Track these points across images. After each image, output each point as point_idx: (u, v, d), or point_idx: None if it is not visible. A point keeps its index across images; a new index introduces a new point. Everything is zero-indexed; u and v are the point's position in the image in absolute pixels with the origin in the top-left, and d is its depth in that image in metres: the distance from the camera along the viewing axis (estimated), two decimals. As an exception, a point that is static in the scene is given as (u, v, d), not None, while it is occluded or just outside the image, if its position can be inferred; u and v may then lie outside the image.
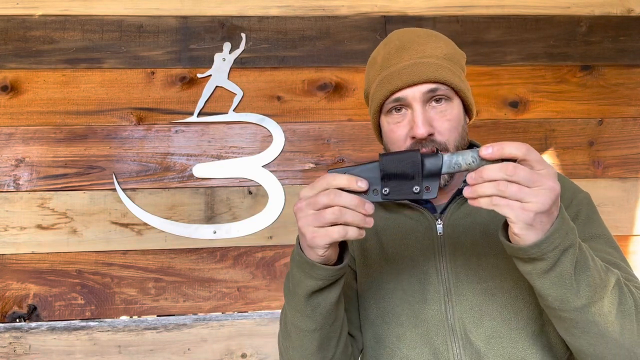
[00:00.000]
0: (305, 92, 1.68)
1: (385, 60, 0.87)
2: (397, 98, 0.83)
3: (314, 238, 0.64)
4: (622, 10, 1.81)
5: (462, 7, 1.76)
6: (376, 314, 0.86)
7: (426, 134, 0.80)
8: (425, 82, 0.81)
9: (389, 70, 0.85)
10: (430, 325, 0.81)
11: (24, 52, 1.62)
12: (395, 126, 0.85)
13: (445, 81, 0.82)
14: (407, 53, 0.85)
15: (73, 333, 1.50)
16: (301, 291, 0.73)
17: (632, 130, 1.74)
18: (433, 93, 0.82)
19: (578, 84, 1.75)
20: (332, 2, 1.73)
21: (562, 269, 0.63)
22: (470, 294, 0.81)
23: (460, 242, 0.84)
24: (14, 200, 1.55)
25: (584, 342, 0.68)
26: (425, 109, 0.82)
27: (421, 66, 0.82)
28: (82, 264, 1.53)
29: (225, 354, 1.53)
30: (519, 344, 0.78)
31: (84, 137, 1.60)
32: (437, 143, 0.81)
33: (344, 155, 1.65)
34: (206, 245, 1.57)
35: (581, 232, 0.80)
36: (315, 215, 0.64)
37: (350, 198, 0.63)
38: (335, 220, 0.63)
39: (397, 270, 0.86)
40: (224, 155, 1.63)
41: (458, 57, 0.88)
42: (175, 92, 1.64)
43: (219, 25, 1.69)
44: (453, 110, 0.84)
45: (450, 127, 0.83)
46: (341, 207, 0.63)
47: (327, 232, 0.63)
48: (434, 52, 0.85)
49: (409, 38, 0.87)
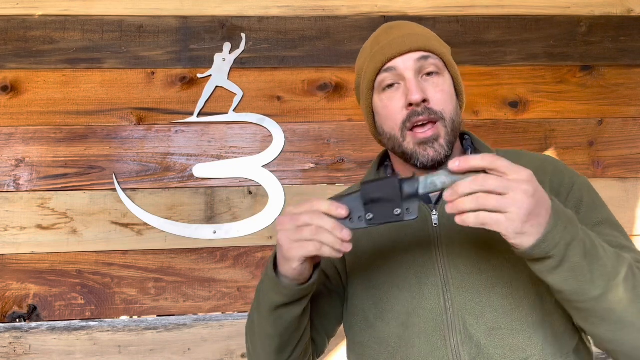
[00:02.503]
0: (305, 92, 1.68)
1: (375, 39, 0.88)
2: (389, 68, 0.83)
3: (290, 250, 0.68)
4: (622, 10, 1.81)
5: (462, 7, 1.76)
6: (375, 314, 0.85)
7: (421, 99, 0.80)
8: (416, 50, 0.82)
9: (379, 45, 0.86)
10: (429, 321, 0.79)
11: (24, 52, 1.62)
12: (390, 101, 0.84)
13: (436, 50, 0.83)
14: (397, 30, 0.86)
15: (73, 333, 1.50)
16: (267, 302, 0.77)
17: (632, 130, 1.74)
18: (425, 61, 0.82)
19: (578, 84, 1.75)
20: (332, 2, 1.73)
21: (572, 262, 0.63)
22: (470, 286, 0.79)
23: (457, 233, 0.82)
24: (14, 200, 1.55)
25: (603, 329, 0.68)
26: (418, 79, 0.82)
27: (411, 37, 0.83)
28: (82, 264, 1.53)
29: (225, 354, 1.53)
30: (520, 334, 0.76)
31: (84, 137, 1.60)
32: (432, 112, 0.81)
33: (344, 155, 1.65)
34: (206, 245, 1.57)
35: (587, 219, 0.79)
36: (294, 230, 0.68)
37: (328, 222, 0.67)
38: (311, 237, 0.67)
39: (393, 267, 0.85)
40: (224, 155, 1.63)
41: (445, 46, 0.89)
42: (175, 92, 1.64)
43: (219, 25, 1.69)
44: (445, 84, 0.84)
45: (445, 98, 0.83)
46: (319, 227, 0.67)
47: (302, 245, 0.67)
48: (423, 31, 0.87)
49: (395, 24, 0.90)
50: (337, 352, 1.54)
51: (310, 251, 0.67)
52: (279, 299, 0.75)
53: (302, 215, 0.68)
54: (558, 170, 0.87)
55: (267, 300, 0.77)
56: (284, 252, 0.69)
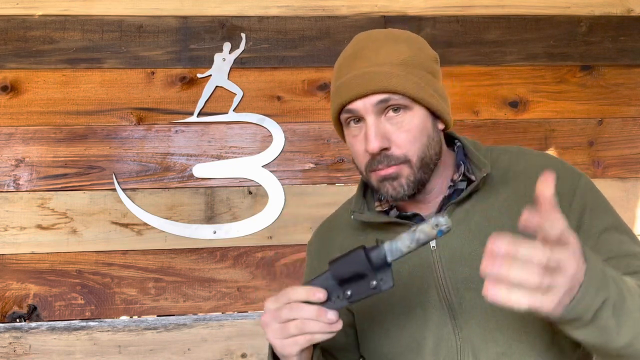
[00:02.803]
0: (305, 92, 1.68)
1: (339, 70, 0.82)
2: (349, 110, 0.78)
3: (283, 348, 0.68)
4: (622, 10, 1.81)
5: (462, 7, 1.76)
6: (388, 345, 0.82)
7: (378, 149, 0.75)
8: (373, 92, 0.75)
9: (339, 81, 0.80)
10: (439, 348, 0.77)
11: (24, 52, 1.62)
12: (354, 140, 0.81)
13: (397, 90, 0.75)
14: (358, 62, 0.78)
15: (73, 333, 1.50)
16: None
17: (632, 130, 1.74)
18: (385, 103, 0.76)
19: (578, 84, 1.75)
20: (332, 2, 1.73)
21: (601, 322, 0.59)
22: (476, 311, 0.76)
23: (456, 255, 0.78)
24: (14, 200, 1.55)
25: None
26: (379, 122, 0.77)
27: (370, 75, 0.76)
28: (82, 264, 1.53)
29: (225, 354, 1.54)
30: (531, 357, 0.74)
31: (84, 137, 1.60)
32: (393, 158, 0.76)
33: (344, 155, 1.65)
34: (206, 245, 1.57)
35: (592, 227, 0.76)
36: (280, 327, 0.67)
37: (310, 310, 0.65)
38: (298, 332, 0.66)
39: (397, 295, 0.80)
40: (224, 155, 1.63)
41: (422, 60, 0.80)
42: (175, 92, 1.64)
43: (219, 25, 1.69)
44: (413, 120, 0.77)
45: (409, 138, 0.77)
46: (303, 320, 0.66)
47: (294, 341, 0.66)
48: (387, 58, 0.77)
49: (363, 44, 0.81)
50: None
51: (303, 344, 0.66)
52: None
53: (282, 310, 0.66)
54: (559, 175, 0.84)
55: None
56: (279, 350, 0.69)
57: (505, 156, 0.85)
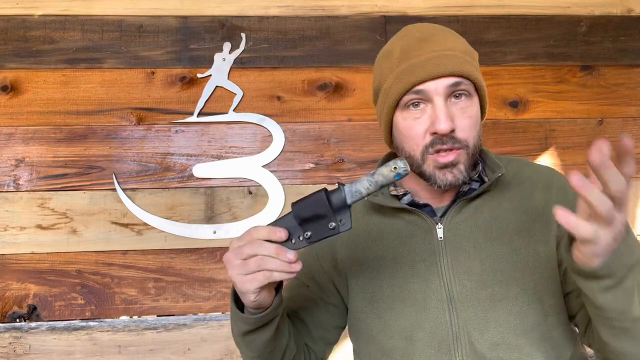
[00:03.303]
0: (305, 92, 1.68)
1: (404, 52, 0.81)
2: (419, 90, 0.78)
3: (242, 284, 0.69)
4: (622, 10, 1.81)
5: (462, 7, 1.76)
6: (379, 328, 0.84)
7: (449, 129, 0.77)
8: (450, 75, 0.77)
9: (409, 62, 0.79)
10: (434, 336, 0.79)
11: (24, 52, 1.62)
12: (414, 122, 0.80)
13: (469, 75, 0.79)
14: (429, 45, 0.80)
15: (73, 333, 1.50)
16: (235, 329, 0.80)
17: (632, 130, 1.74)
18: (456, 87, 0.78)
19: (578, 84, 1.75)
20: (332, 2, 1.73)
21: (627, 284, 0.62)
22: (475, 301, 0.78)
23: (462, 247, 0.81)
24: (14, 200, 1.55)
25: (628, 345, 0.68)
26: (447, 104, 0.78)
27: (446, 58, 0.78)
28: (82, 264, 1.53)
29: (225, 354, 1.54)
30: (525, 349, 0.76)
31: (84, 137, 1.60)
32: (457, 140, 0.78)
33: (344, 155, 1.65)
34: (206, 245, 1.57)
35: None
36: (241, 264, 0.68)
37: (270, 247, 0.67)
38: (258, 268, 0.67)
39: (397, 281, 0.84)
40: (224, 155, 1.63)
41: (475, 56, 0.86)
42: (175, 92, 1.64)
43: (219, 25, 1.69)
44: (473, 108, 0.81)
45: (471, 125, 0.80)
46: (263, 256, 0.67)
47: (253, 277, 0.68)
48: (455, 45, 0.81)
49: (429, 31, 0.83)
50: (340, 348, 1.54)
51: (262, 281, 0.67)
52: (244, 327, 0.77)
53: (244, 247, 0.68)
54: (563, 188, 0.85)
55: (235, 327, 0.79)
56: (238, 287, 0.70)
57: (513, 163, 0.90)
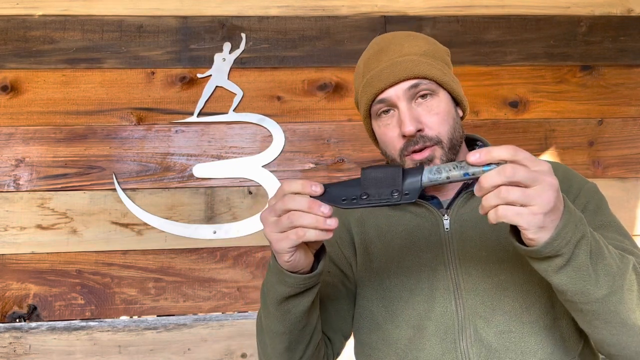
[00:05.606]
0: (305, 92, 1.68)
1: (366, 65, 0.88)
2: (382, 99, 0.84)
3: (276, 243, 0.66)
4: (622, 10, 1.81)
5: (462, 7, 1.76)
6: (385, 317, 0.85)
7: (414, 130, 0.81)
8: (405, 79, 0.82)
9: (370, 74, 0.86)
10: (440, 324, 0.80)
11: (24, 52, 1.62)
12: (386, 128, 0.86)
13: (425, 75, 0.82)
14: (385, 55, 0.86)
15: (73, 333, 1.50)
16: (273, 296, 0.75)
17: (632, 130, 1.74)
18: (416, 89, 0.83)
19: (578, 84, 1.75)
20: (332, 2, 1.73)
21: (578, 261, 0.62)
22: (481, 290, 0.80)
23: (468, 237, 0.83)
24: (14, 200, 1.55)
25: (606, 332, 0.68)
26: (411, 106, 0.83)
27: (399, 65, 0.83)
28: (82, 264, 1.53)
29: (225, 354, 1.54)
30: (532, 337, 0.77)
31: (84, 137, 1.60)
32: (428, 138, 0.82)
33: (344, 155, 1.65)
34: (206, 245, 1.57)
35: (591, 221, 0.79)
36: (275, 221, 0.65)
37: (302, 200, 0.63)
38: (290, 224, 0.64)
39: (404, 270, 0.85)
40: (224, 155, 1.63)
41: (440, 54, 0.89)
42: (175, 92, 1.64)
43: (219, 25, 1.69)
44: (440, 104, 0.84)
45: (439, 120, 0.83)
46: (295, 211, 0.63)
47: (286, 235, 0.64)
48: (411, 50, 0.85)
49: (388, 40, 0.88)
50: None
51: (294, 240, 0.64)
52: (285, 290, 0.72)
53: (277, 203, 0.65)
54: (567, 176, 0.87)
55: (274, 293, 0.74)
56: (273, 247, 0.67)
57: None
